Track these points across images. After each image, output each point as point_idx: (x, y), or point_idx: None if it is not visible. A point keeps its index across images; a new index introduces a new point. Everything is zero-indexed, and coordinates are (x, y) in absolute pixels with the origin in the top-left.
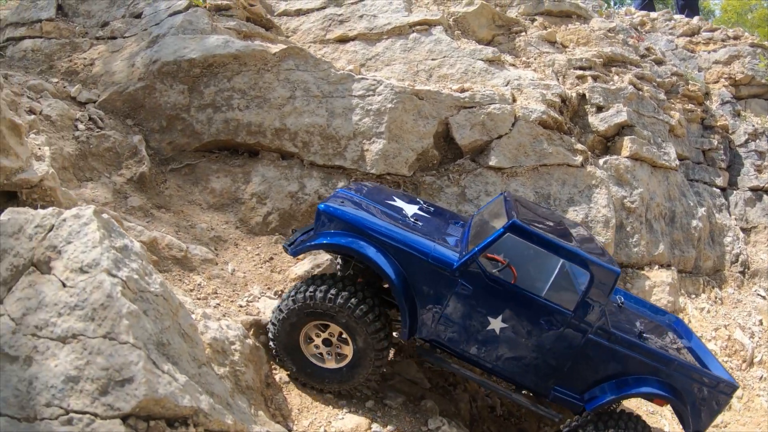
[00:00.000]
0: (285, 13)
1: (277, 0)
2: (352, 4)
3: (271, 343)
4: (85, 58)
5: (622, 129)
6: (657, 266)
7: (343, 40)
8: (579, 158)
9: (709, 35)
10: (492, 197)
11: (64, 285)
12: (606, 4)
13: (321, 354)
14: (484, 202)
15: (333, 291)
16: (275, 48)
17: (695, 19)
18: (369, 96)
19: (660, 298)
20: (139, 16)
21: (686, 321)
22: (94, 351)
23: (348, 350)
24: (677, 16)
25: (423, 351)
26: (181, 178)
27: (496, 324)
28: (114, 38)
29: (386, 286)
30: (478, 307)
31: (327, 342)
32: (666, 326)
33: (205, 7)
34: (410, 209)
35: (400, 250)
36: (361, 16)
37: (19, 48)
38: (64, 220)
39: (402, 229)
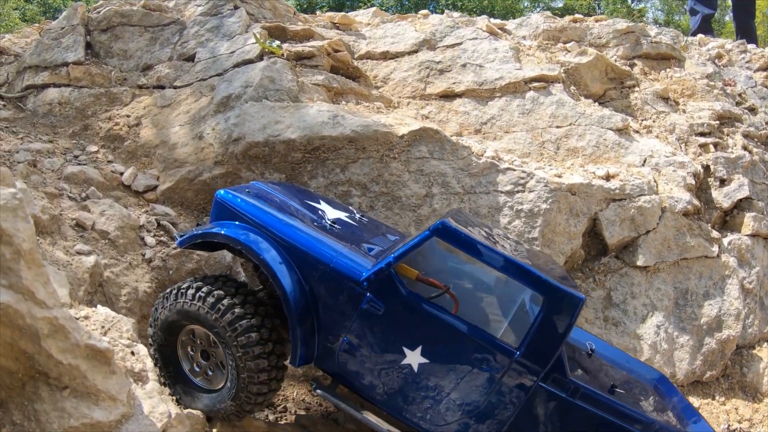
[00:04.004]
0: (368, 56)
1: (356, 38)
2: (449, 47)
3: (150, 349)
4: (128, 116)
5: (740, 201)
6: (765, 343)
7: (447, 95)
8: (715, 248)
9: None
10: (637, 299)
11: None
12: (684, 37)
13: (198, 368)
14: (630, 306)
15: (206, 289)
16: (403, 128)
17: None
18: (518, 192)
19: None
20: (191, 58)
21: None
22: None
23: (224, 369)
24: (750, 47)
25: (320, 386)
26: None
27: (413, 358)
28: (161, 87)
29: None
30: (390, 334)
31: (206, 355)
32: (647, 382)
33: (282, 55)
34: (334, 213)
35: (299, 251)
36: (464, 66)
37: (42, 99)
38: None
39: (307, 228)
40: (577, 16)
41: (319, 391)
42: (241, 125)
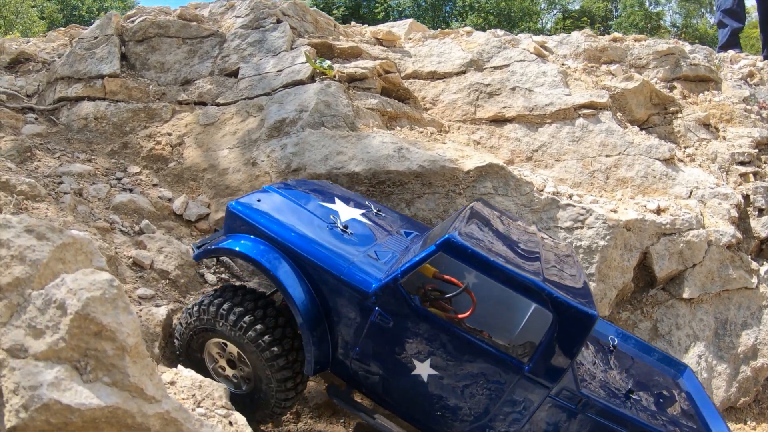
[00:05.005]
0: (415, 75)
1: (401, 55)
2: (496, 69)
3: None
4: (169, 134)
5: None
6: None
7: (498, 120)
8: (755, 280)
9: None
10: (681, 330)
11: None
12: (716, 54)
13: (225, 374)
14: (675, 337)
15: (226, 305)
16: (468, 163)
17: None
18: (577, 228)
19: None
20: (233, 74)
21: None
22: None
23: (249, 375)
24: None
25: (335, 391)
26: None
27: (423, 369)
28: (203, 104)
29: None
30: (399, 346)
31: (232, 363)
32: (669, 377)
33: (334, 77)
34: (348, 214)
35: (309, 262)
36: (513, 89)
37: (77, 113)
38: None
39: (317, 237)
40: (616, 35)
41: (334, 398)
42: (301, 155)
